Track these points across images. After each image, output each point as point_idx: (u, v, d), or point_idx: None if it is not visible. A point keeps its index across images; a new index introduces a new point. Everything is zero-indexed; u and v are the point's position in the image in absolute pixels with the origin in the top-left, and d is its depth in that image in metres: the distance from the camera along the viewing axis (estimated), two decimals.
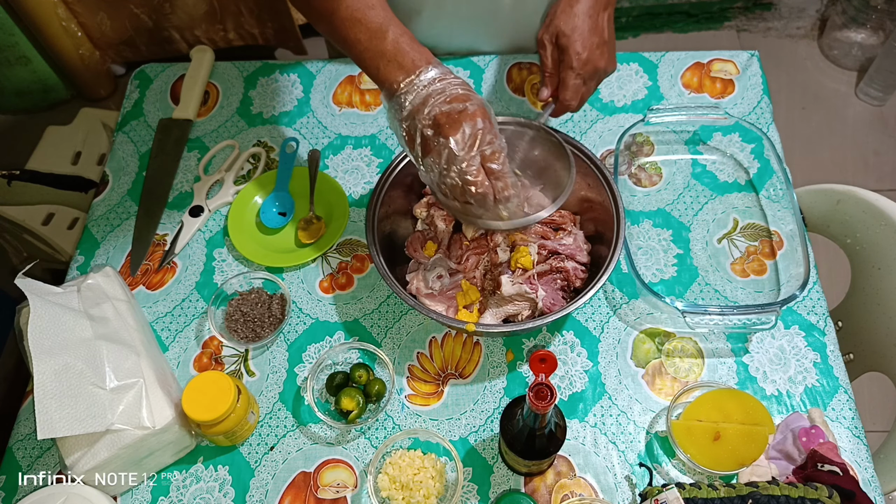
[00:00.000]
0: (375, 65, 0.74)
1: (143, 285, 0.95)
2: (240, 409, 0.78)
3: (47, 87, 2.08)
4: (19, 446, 0.84)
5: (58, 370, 0.73)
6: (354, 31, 0.74)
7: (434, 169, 0.71)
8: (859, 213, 0.97)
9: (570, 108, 0.85)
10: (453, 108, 0.69)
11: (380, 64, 0.73)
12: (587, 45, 0.81)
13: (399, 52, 0.72)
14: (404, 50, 0.72)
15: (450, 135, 0.69)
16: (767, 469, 0.78)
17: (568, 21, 0.82)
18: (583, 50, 0.81)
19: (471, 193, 0.71)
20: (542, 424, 0.69)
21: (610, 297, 0.92)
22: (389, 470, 0.78)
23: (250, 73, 1.13)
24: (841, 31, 2.16)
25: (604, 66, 0.84)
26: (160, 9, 1.89)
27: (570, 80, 0.82)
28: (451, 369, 0.88)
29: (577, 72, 0.82)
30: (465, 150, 0.69)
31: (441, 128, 0.69)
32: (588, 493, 0.79)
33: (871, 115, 2.11)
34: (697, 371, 0.87)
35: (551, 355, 0.64)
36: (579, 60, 0.81)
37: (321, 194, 1.00)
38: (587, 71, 0.82)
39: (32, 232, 1.48)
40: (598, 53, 0.82)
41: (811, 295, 0.91)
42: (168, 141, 1.06)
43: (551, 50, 0.84)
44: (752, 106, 1.07)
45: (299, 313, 0.92)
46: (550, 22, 0.84)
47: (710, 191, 0.99)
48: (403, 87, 0.71)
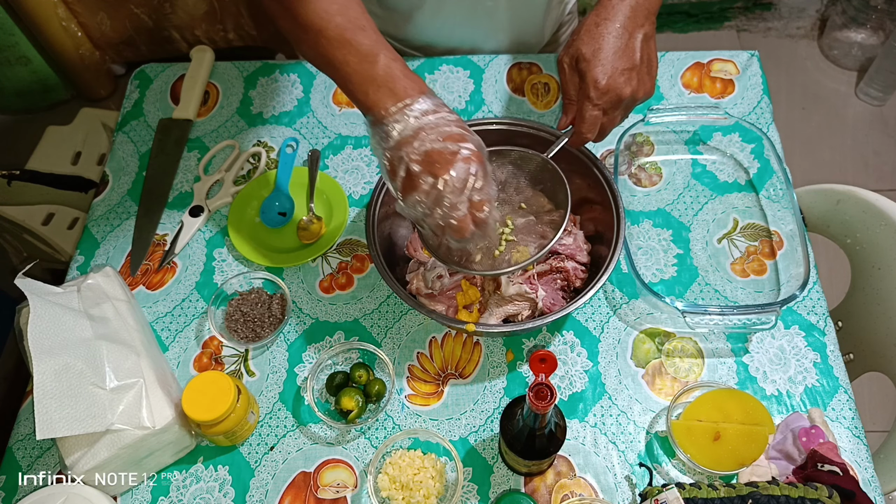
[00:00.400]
0: (364, 89, 0.68)
1: (143, 285, 0.95)
2: (240, 409, 0.78)
3: (47, 87, 2.08)
4: (19, 446, 0.84)
5: (58, 370, 0.73)
6: (343, 52, 0.69)
7: (418, 207, 0.67)
8: (859, 213, 0.97)
9: (587, 139, 0.78)
10: (446, 148, 0.64)
11: (369, 89, 0.68)
12: (608, 72, 0.73)
13: (391, 77, 0.67)
14: (396, 76, 0.68)
15: (440, 174, 0.64)
16: (767, 469, 0.78)
17: (591, 43, 0.74)
18: (602, 77, 0.73)
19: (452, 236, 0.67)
20: (542, 424, 0.69)
21: (610, 297, 0.92)
22: (389, 470, 0.78)
23: (250, 73, 1.13)
24: (841, 31, 2.16)
25: (630, 93, 0.75)
26: (160, 8, 1.89)
27: (588, 112, 0.75)
28: (451, 369, 0.88)
29: (594, 102, 0.75)
30: (453, 194, 0.64)
31: (432, 166, 0.64)
32: (588, 493, 0.79)
33: (871, 115, 2.11)
34: (697, 371, 0.87)
35: (551, 355, 0.64)
36: (597, 90, 0.74)
37: (321, 194, 1.00)
38: (607, 101, 0.75)
39: (32, 232, 1.48)
40: (624, 80, 0.74)
41: (811, 295, 0.91)
42: (168, 141, 1.06)
43: (570, 75, 0.77)
44: (752, 106, 1.07)
45: (299, 313, 0.92)
46: (572, 42, 0.76)
47: (710, 191, 1.00)
48: (393, 115, 0.66)
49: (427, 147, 0.65)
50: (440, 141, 0.65)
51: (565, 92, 0.79)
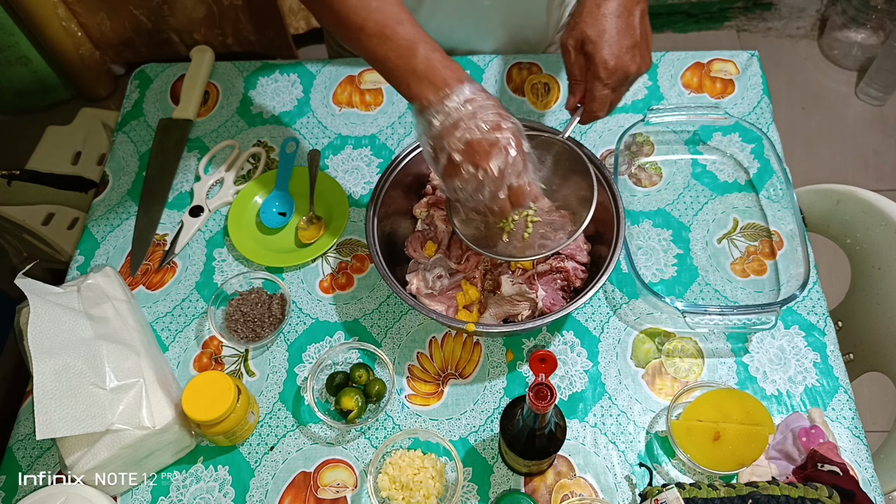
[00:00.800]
0: (406, 82, 0.72)
1: (143, 285, 0.95)
2: (240, 409, 0.78)
3: (47, 87, 2.08)
4: (19, 446, 0.84)
5: (58, 370, 0.73)
6: (384, 48, 0.72)
7: (459, 193, 0.71)
8: (859, 213, 0.97)
9: (598, 117, 0.80)
10: (486, 138, 0.68)
11: (410, 81, 0.71)
12: (615, 52, 0.75)
13: (431, 69, 0.70)
14: (436, 68, 0.70)
15: (481, 164, 0.68)
16: (767, 469, 0.78)
17: (595, 24, 0.75)
18: (611, 58, 0.75)
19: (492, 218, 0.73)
20: (542, 424, 0.69)
21: (610, 297, 0.92)
22: (389, 470, 0.78)
23: (250, 73, 1.13)
24: (841, 31, 2.16)
25: (635, 69, 0.77)
26: (159, 11, 1.89)
27: (598, 92, 0.77)
28: (451, 369, 0.88)
29: (604, 82, 0.76)
30: (494, 182, 0.69)
31: (473, 156, 0.68)
32: (588, 493, 0.79)
33: (871, 115, 2.11)
34: (697, 371, 0.87)
35: (551, 355, 0.64)
36: (607, 70, 0.75)
37: (321, 194, 1.00)
38: (616, 79, 0.77)
39: (32, 232, 1.48)
40: (629, 58, 0.76)
41: (811, 295, 0.91)
42: (168, 141, 1.06)
43: (576, 57, 0.78)
44: (752, 106, 1.07)
45: (299, 313, 0.92)
46: (575, 25, 0.77)
47: (710, 191, 1.00)
48: (434, 106, 0.70)
49: (468, 137, 0.68)
50: (480, 130, 0.68)
51: (570, 73, 0.80)
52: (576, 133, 1.05)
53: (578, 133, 1.05)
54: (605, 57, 0.75)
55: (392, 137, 1.06)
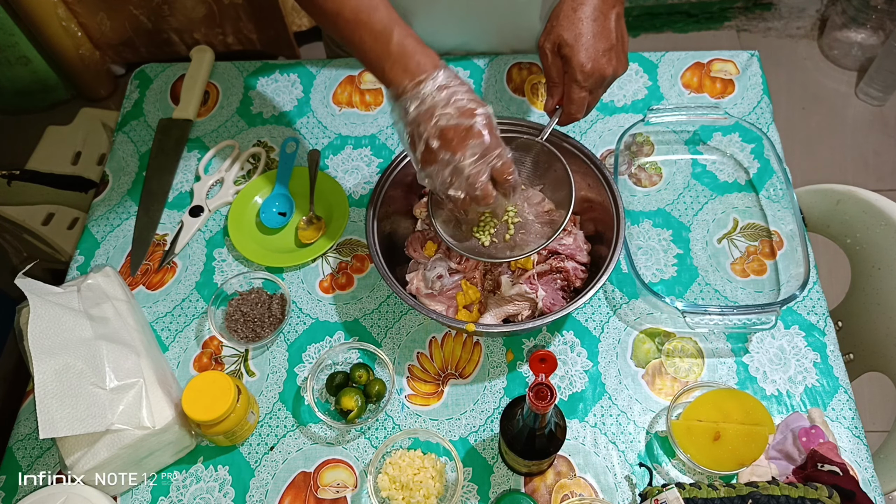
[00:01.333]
0: (381, 67, 0.73)
1: (143, 285, 0.95)
2: (240, 409, 0.78)
3: (47, 87, 2.08)
4: (19, 446, 0.84)
5: (58, 370, 0.73)
6: (359, 33, 0.74)
7: (436, 178, 0.72)
8: (859, 213, 0.97)
9: (576, 118, 0.82)
10: (460, 124, 0.69)
11: (385, 66, 0.72)
12: (592, 55, 0.76)
13: (404, 54, 0.71)
14: (409, 52, 0.71)
15: (457, 151, 0.69)
16: (767, 469, 0.78)
17: (571, 28, 0.77)
18: (587, 61, 0.76)
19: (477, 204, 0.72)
20: (542, 424, 0.69)
21: (610, 297, 0.92)
22: (389, 470, 0.78)
23: (250, 73, 1.13)
24: (841, 31, 2.16)
25: (612, 72, 0.78)
26: (159, 10, 1.89)
27: (576, 94, 0.79)
28: (451, 369, 0.88)
29: (581, 84, 0.78)
30: (472, 165, 0.69)
31: (448, 143, 0.69)
32: (588, 493, 0.79)
33: (871, 115, 2.11)
34: (697, 371, 0.87)
35: (551, 355, 0.64)
36: (584, 73, 0.77)
37: (321, 194, 1.00)
38: (592, 82, 0.78)
39: (32, 232, 1.48)
40: (605, 60, 0.77)
41: (811, 295, 0.91)
42: (168, 141, 1.06)
43: (553, 60, 0.80)
44: (752, 106, 1.07)
45: (299, 313, 0.92)
46: (552, 28, 0.79)
47: (710, 191, 0.99)
48: (408, 92, 0.71)
49: (443, 124, 0.69)
50: (455, 117, 0.69)
51: (548, 76, 0.82)
52: (575, 133, 1.05)
53: (578, 133, 1.05)
54: (581, 60, 0.76)
55: (392, 137, 1.06)
